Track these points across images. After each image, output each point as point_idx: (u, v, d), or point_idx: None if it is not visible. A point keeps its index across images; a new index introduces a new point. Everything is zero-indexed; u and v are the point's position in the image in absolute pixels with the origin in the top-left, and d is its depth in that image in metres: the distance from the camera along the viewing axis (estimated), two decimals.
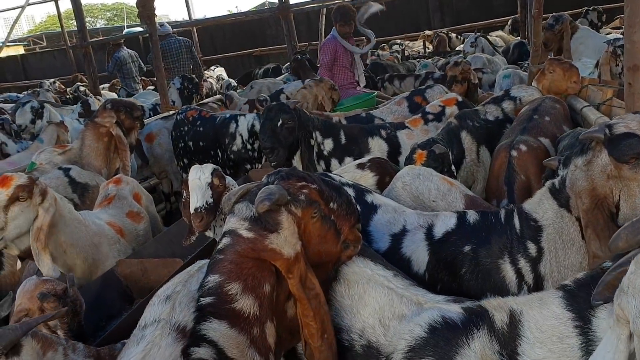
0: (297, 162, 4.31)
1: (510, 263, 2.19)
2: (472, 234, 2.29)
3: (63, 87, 12.56)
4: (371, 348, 1.79)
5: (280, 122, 4.20)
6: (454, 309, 1.72)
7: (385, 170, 3.50)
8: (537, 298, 1.64)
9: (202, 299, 1.65)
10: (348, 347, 1.84)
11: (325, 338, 1.72)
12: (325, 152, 4.42)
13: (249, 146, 5.47)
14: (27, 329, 1.85)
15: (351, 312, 1.87)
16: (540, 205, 2.21)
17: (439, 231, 2.36)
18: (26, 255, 3.09)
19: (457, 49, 11.57)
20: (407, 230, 2.41)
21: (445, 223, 2.37)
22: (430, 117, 4.61)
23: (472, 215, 2.37)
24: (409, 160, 3.47)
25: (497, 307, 1.67)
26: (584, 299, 1.52)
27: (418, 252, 2.35)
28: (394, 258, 2.32)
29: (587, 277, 1.58)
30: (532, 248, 2.17)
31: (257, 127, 5.15)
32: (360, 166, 3.54)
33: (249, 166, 5.51)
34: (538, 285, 2.15)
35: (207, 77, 11.06)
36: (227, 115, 5.82)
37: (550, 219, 2.16)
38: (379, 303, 1.83)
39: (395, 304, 1.81)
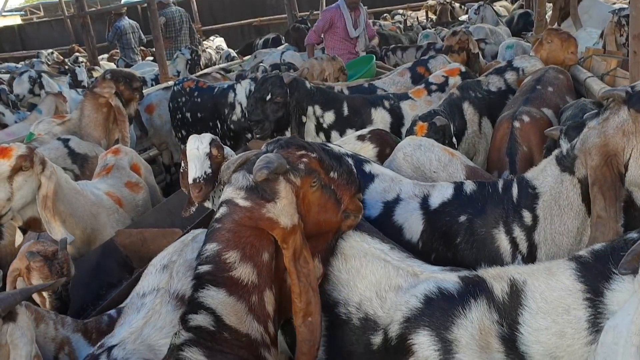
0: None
1: (505, 232, 2.18)
2: (469, 204, 2.28)
3: (61, 57, 12.43)
4: (369, 320, 1.79)
5: (269, 96, 4.16)
6: (450, 279, 1.71)
7: (386, 142, 3.47)
8: (544, 268, 1.61)
9: (199, 267, 1.64)
10: (346, 320, 1.84)
11: (309, 321, 1.69)
12: (324, 125, 4.38)
13: None
14: (26, 294, 1.85)
15: (348, 286, 1.87)
16: (543, 172, 2.19)
17: (435, 201, 2.34)
18: (28, 226, 3.09)
19: (460, 18, 11.42)
20: (400, 199, 2.40)
21: (441, 193, 2.36)
22: (434, 87, 4.56)
23: (469, 186, 2.36)
24: (410, 133, 3.44)
25: (496, 277, 1.65)
26: (599, 270, 1.47)
27: (411, 221, 2.34)
28: (385, 225, 2.32)
29: (605, 249, 1.53)
30: (527, 217, 2.16)
31: None
32: (361, 138, 3.51)
33: (249, 135, 5.48)
34: (532, 254, 2.14)
35: (206, 48, 10.95)
36: (225, 86, 5.76)
37: (548, 185, 2.13)
38: (376, 276, 1.83)
39: (392, 276, 1.81)
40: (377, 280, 1.82)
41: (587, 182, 2.00)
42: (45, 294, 2.37)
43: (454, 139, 3.57)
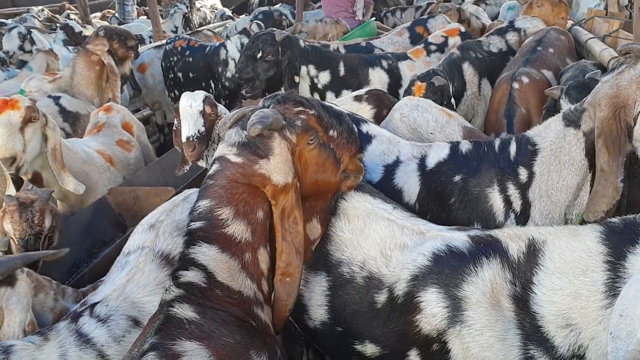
0: None
1: (499, 191, 2.15)
2: (464, 163, 2.25)
3: (51, 13, 12.13)
4: (373, 279, 1.78)
5: (260, 54, 4.08)
6: (459, 238, 1.70)
7: (383, 103, 3.42)
8: (569, 229, 1.59)
9: (192, 224, 1.61)
10: (349, 279, 1.83)
11: (286, 281, 1.67)
12: (319, 86, 4.30)
13: None
14: (28, 260, 1.84)
15: (352, 246, 1.85)
16: (546, 129, 2.14)
17: (431, 161, 2.32)
18: (34, 181, 3.08)
19: None
20: (400, 161, 2.37)
21: (438, 153, 2.33)
22: (433, 47, 4.48)
23: (464, 145, 2.33)
24: (408, 93, 3.39)
25: (513, 237, 1.64)
26: (627, 235, 1.45)
27: (410, 183, 2.31)
28: (386, 189, 2.29)
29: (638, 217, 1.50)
30: (523, 174, 2.13)
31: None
32: (358, 98, 3.46)
33: (243, 92, 5.41)
34: (525, 212, 2.12)
35: (201, 7, 10.71)
36: (216, 44, 5.67)
37: (549, 141, 2.09)
38: (380, 235, 1.81)
39: (397, 235, 1.79)
40: (382, 239, 1.80)
41: (592, 136, 1.96)
42: (15, 239, 2.36)
43: (453, 100, 3.52)
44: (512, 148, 2.19)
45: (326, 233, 1.88)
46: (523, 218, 2.11)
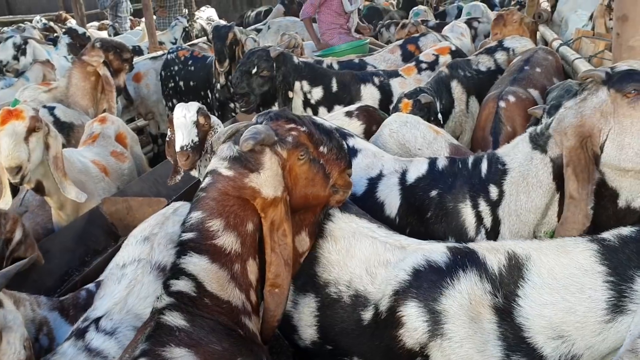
0: None
1: (472, 207, 2.22)
2: (440, 179, 2.33)
3: (51, 23, 12.17)
4: (359, 297, 1.83)
5: (255, 69, 4.16)
6: (438, 250, 1.75)
7: (373, 119, 3.49)
8: (555, 245, 1.63)
9: (183, 234, 1.66)
10: (336, 299, 1.88)
11: (275, 292, 1.72)
12: (312, 101, 4.38)
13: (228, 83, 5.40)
14: (9, 276, 1.84)
15: (338, 266, 1.90)
16: (514, 149, 2.22)
17: (411, 176, 2.39)
18: (37, 190, 3.11)
19: None
20: (383, 175, 2.44)
21: (417, 168, 2.40)
22: (424, 65, 4.57)
23: (441, 161, 2.40)
24: (395, 109, 3.47)
25: (490, 249, 1.69)
26: (628, 256, 1.48)
27: (391, 197, 2.38)
28: (369, 202, 2.36)
29: (635, 234, 1.53)
30: (493, 191, 2.19)
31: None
32: (348, 114, 3.53)
33: (232, 105, 5.47)
34: (495, 228, 2.18)
35: (197, 18, 10.81)
36: None
37: (517, 162, 2.16)
38: (365, 253, 1.86)
39: (380, 252, 1.84)
40: (367, 258, 1.85)
41: (559, 162, 2.02)
42: None
43: (440, 116, 3.60)
44: (484, 166, 2.26)
45: (314, 255, 1.93)
46: (493, 234, 2.18)
